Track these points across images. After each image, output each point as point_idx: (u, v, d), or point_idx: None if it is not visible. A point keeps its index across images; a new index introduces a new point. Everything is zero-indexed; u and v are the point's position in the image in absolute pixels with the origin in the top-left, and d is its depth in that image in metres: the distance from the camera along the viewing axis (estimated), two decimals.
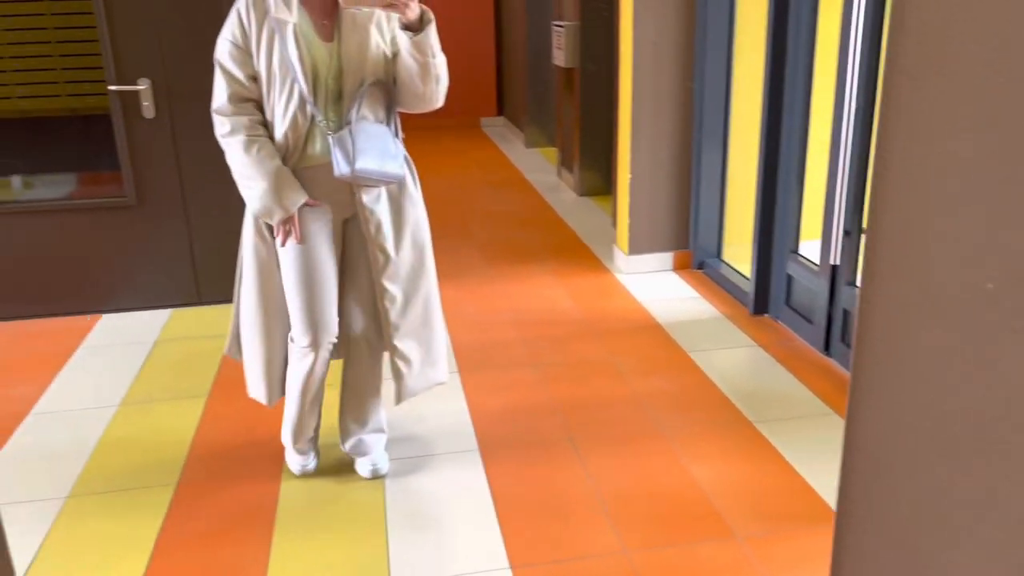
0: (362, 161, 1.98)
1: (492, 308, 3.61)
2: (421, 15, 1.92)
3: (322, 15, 2.00)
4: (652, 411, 2.72)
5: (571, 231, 4.73)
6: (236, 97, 2.02)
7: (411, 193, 2.17)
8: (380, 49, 2.04)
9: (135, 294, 3.67)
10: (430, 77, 2.00)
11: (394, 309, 2.18)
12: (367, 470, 2.40)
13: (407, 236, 2.17)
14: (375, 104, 2.06)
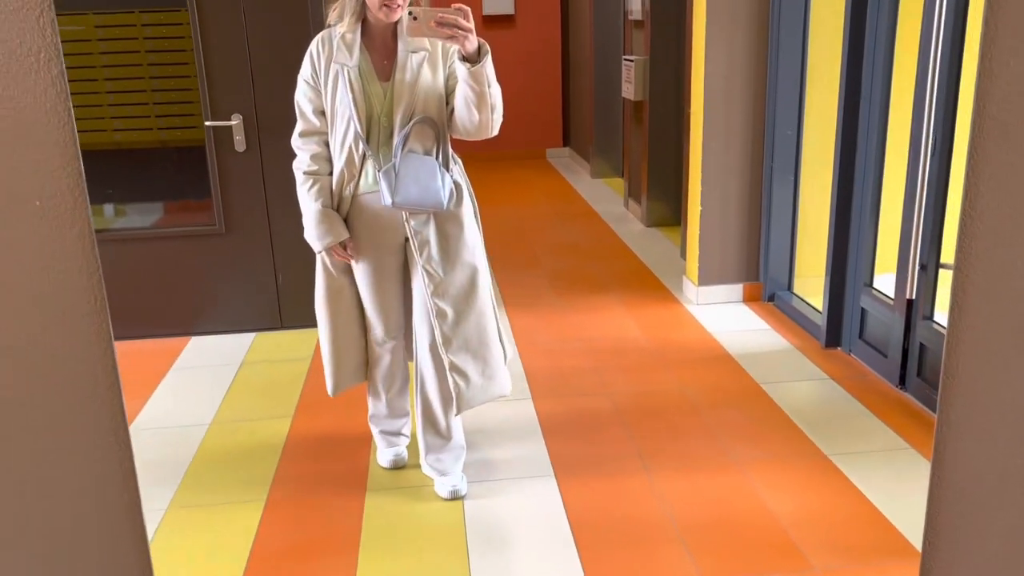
0: (402, 194, 2.18)
1: (564, 336, 3.68)
2: (479, 47, 2.06)
3: (382, 56, 2.22)
4: (725, 440, 2.74)
5: (639, 261, 4.78)
6: (306, 132, 2.27)
7: (459, 217, 2.31)
8: (432, 87, 2.21)
9: (221, 318, 3.84)
10: (486, 106, 2.14)
11: (446, 324, 2.32)
12: (446, 491, 2.49)
13: (456, 255, 2.31)
14: (423, 138, 2.23)
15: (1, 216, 0.98)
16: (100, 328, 1.05)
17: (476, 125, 2.18)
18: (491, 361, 2.39)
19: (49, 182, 0.99)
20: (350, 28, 2.18)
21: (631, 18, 5.70)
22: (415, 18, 2.02)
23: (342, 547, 2.27)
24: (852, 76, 3.17)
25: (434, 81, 2.22)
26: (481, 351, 2.37)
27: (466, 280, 2.32)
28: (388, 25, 2.21)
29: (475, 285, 2.34)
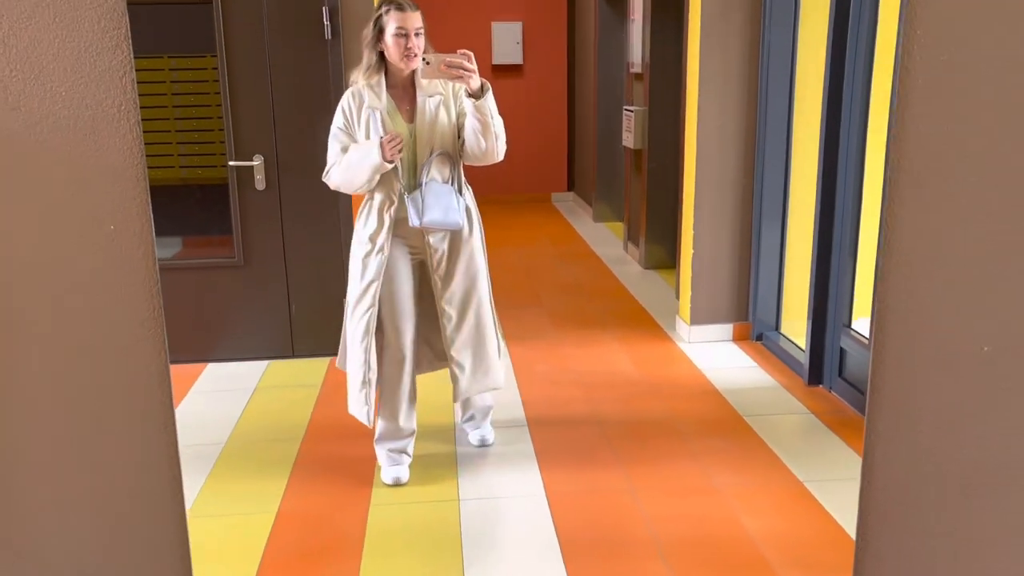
0: (429, 216, 2.60)
1: (559, 368, 3.87)
2: (482, 84, 2.49)
3: (403, 102, 2.65)
4: (708, 467, 2.92)
5: (636, 302, 4.99)
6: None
7: (466, 236, 2.73)
8: (447, 125, 2.64)
9: (237, 346, 4.05)
10: (490, 134, 2.55)
11: (450, 326, 2.75)
12: (476, 439, 3.09)
13: (460, 268, 2.73)
14: (442, 167, 2.66)
15: (83, 237, 1.20)
16: (156, 331, 1.26)
17: (483, 151, 2.59)
18: (487, 358, 2.81)
19: (122, 210, 1.21)
20: (376, 79, 2.61)
21: (632, 70, 5.99)
22: (428, 63, 2.45)
23: (348, 552, 2.45)
24: (831, 128, 3.40)
25: (448, 120, 2.64)
26: (478, 349, 2.79)
27: (466, 287, 2.75)
28: (408, 76, 2.62)
29: (476, 291, 2.76)
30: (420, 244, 2.72)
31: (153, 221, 1.24)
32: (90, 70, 1.16)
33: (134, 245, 1.23)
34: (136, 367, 1.28)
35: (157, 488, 1.33)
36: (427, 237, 2.69)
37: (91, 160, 1.19)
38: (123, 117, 1.19)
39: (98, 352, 1.25)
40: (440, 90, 2.63)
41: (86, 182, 1.19)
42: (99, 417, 1.28)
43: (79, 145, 1.18)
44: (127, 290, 1.24)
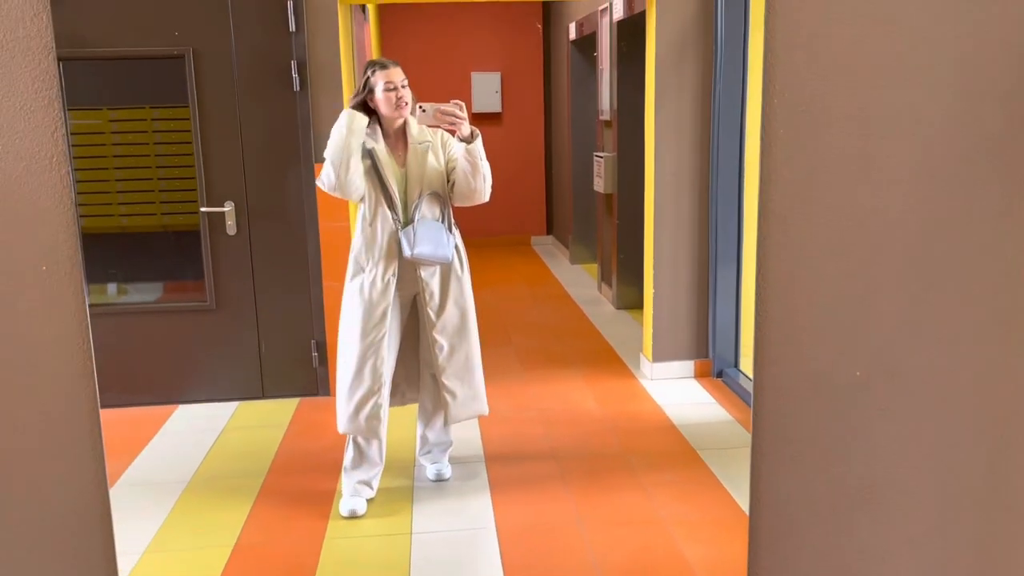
0: (419, 248, 2.82)
1: (522, 406, 3.97)
2: (472, 131, 2.77)
3: (396, 148, 2.90)
4: (656, 499, 3.01)
5: (605, 341, 5.10)
6: None
7: (456, 271, 2.96)
8: (436, 169, 2.89)
9: (208, 387, 4.15)
10: (479, 175, 2.82)
11: (442, 355, 2.96)
12: (432, 473, 3.21)
13: (451, 301, 2.95)
14: (432, 206, 2.89)
15: (15, 276, 1.32)
16: (87, 365, 1.38)
17: (472, 191, 2.85)
18: (475, 385, 3.04)
19: (53, 252, 1.33)
20: (372, 128, 2.85)
21: (602, 118, 6.18)
22: (424, 110, 2.74)
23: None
24: None
25: (437, 164, 2.89)
26: (467, 377, 3.02)
27: (458, 319, 2.97)
28: (400, 126, 2.88)
29: (466, 324, 2.99)
30: (412, 278, 2.92)
31: (135, 266, 1.36)
32: (24, 126, 1.30)
33: (65, 284, 1.35)
34: (67, 400, 1.39)
35: (87, 527, 1.43)
36: (419, 271, 2.90)
37: (24, 206, 1.31)
38: (54, 168, 1.31)
39: (29, 386, 1.36)
40: (429, 138, 2.90)
41: (20, 226, 1.32)
42: (27, 449, 1.38)
43: (13, 193, 1.31)
44: (59, 327, 1.35)
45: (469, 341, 3.01)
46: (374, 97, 2.82)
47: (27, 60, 1.27)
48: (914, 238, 1.45)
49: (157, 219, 4.26)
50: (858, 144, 1.42)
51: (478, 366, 3.06)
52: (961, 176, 1.42)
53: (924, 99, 1.41)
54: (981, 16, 1.38)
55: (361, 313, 2.86)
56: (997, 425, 1.51)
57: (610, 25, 5.68)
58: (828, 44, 1.39)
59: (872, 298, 1.47)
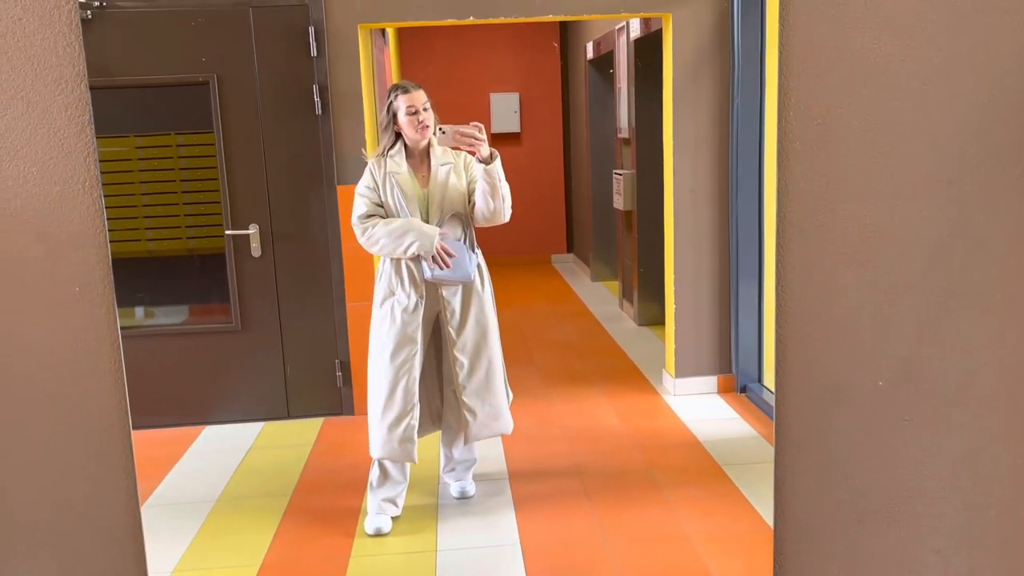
0: (439, 269, 2.87)
1: (545, 423, 3.98)
2: (491, 153, 2.80)
3: (420, 169, 2.95)
4: (680, 515, 3.00)
5: (627, 358, 5.10)
6: (370, 212, 2.91)
7: (478, 290, 2.99)
8: (457, 189, 2.93)
9: (233, 408, 4.19)
10: (498, 195, 2.86)
11: (462, 373, 2.97)
12: (456, 491, 3.22)
13: (472, 320, 2.98)
14: (454, 227, 2.93)
15: (51, 297, 1.36)
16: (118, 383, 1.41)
17: (492, 211, 2.88)
18: (496, 404, 3.04)
19: (85, 273, 1.37)
20: (396, 150, 2.93)
21: (620, 135, 6.21)
22: (444, 132, 2.78)
23: None
24: None
25: (458, 186, 2.94)
26: (488, 396, 3.02)
27: (478, 337, 2.99)
28: (423, 147, 2.93)
29: (486, 341, 3.01)
30: (434, 297, 2.95)
31: (163, 290, 1.40)
32: (58, 152, 1.34)
33: (97, 304, 1.38)
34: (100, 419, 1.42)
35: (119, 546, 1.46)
36: (441, 291, 2.94)
37: (58, 229, 1.36)
38: (87, 192, 1.36)
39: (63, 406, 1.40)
40: (451, 159, 2.95)
41: (54, 249, 1.36)
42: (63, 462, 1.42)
43: (48, 216, 1.35)
44: (91, 346, 1.39)
45: (490, 359, 3.03)
46: (397, 120, 2.89)
47: (61, 88, 1.32)
48: (934, 246, 1.45)
49: (183, 243, 4.33)
50: (875, 155, 1.43)
51: (500, 385, 3.07)
52: (980, 184, 1.43)
53: (941, 109, 1.42)
54: (997, 25, 1.39)
55: (394, 336, 2.91)
56: (1023, 433, 1.50)
57: (627, 44, 5.72)
58: (843, 56, 1.41)
59: (893, 307, 1.48)
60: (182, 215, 4.30)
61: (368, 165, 2.97)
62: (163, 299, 4.39)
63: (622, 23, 5.83)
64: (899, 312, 1.48)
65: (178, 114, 4.26)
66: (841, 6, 1.39)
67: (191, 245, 4.33)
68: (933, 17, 1.40)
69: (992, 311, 1.46)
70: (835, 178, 1.45)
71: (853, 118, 1.43)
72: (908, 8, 1.39)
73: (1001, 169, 1.42)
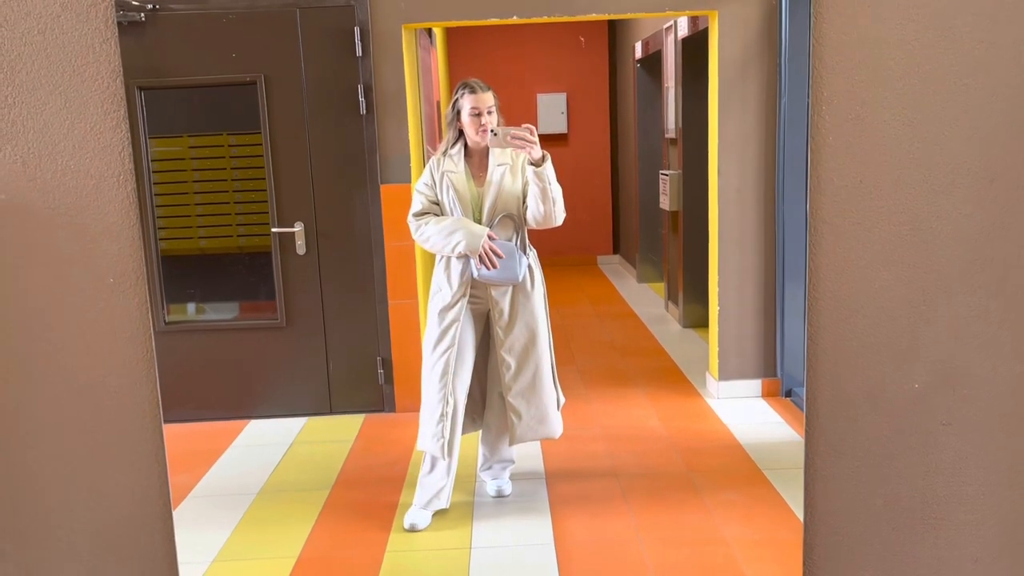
0: (486, 269, 2.91)
1: (584, 424, 3.95)
2: (543, 155, 2.82)
3: (478, 169, 2.99)
4: (719, 519, 2.96)
5: (670, 360, 5.04)
6: (425, 210, 2.99)
7: (528, 291, 3.03)
8: (512, 190, 2.95)
9: (277, 403, 4.25)
10: (548, 199, 2.88)
11: (508, 374, 2.99)
12: (493, 490, 3.20)
13: (520, 320, 3.01)
14: (506, 227, 2.95)
15: (86, 288, 1.40)
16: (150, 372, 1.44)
17: (543, 215, 2.91)
18: (543, 407, 3.04)
19: (119, 266, 1.41)
20: (456, 149, 2.98)
21: (667, 136, 6.15)
22: (496, 135, 2.81)
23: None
24: None
25: (513, 186, 2.94)
26: (534, 399, 3.02)
27: (526, 339, 3.02)
28: (483, 148, 2.97)
29: (535, 343, 3.03)
30: (484, 296, 3.00)
31: (214, 286, 1.43)
32: (94, 146, 1.37)
33: (130, 296, 1.42)
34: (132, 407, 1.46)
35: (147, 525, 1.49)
36: (491, 291, 2.98)
37: (93, 222, 1.39)
38: (121, 186, 1.39)
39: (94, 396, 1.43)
40: (508, 160, 2.96)
41: (89, 240, 1.40)
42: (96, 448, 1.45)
43: (84, 209, 1.39)
44: (124, 336, 1.42)
45: (538, 361, 3.04)
46: (460, 118, 2.95)
47: (97, 84, 1.35)
48: (973, 243, 1.41)
49: (233, 241, 4.41)
50: (911, 149, 1.39)
51: (548, 389, 3.07)
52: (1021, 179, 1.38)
53: (983, 104, 1.37)
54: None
55: (436, 333, 2.98)
56: None
57: (675, 43, 5.67)
58: (878, 48, 1.37)
59: (930, 306, 1.43)
60: (233, 213, 4.38)
61: (428, 163, 3.03)
62: (214, 295, 4.48)
63: (670, 22, 5.78)
64: (937, 313, 1.44)
65: (229, 115, 4.34)
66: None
67: (241, 243, 4.41)
68: (975, 9, 1.36)
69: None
70: (870, 174, 1.41)
71: (889, 112, 1.39)
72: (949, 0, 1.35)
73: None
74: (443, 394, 2.95)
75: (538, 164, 2.82)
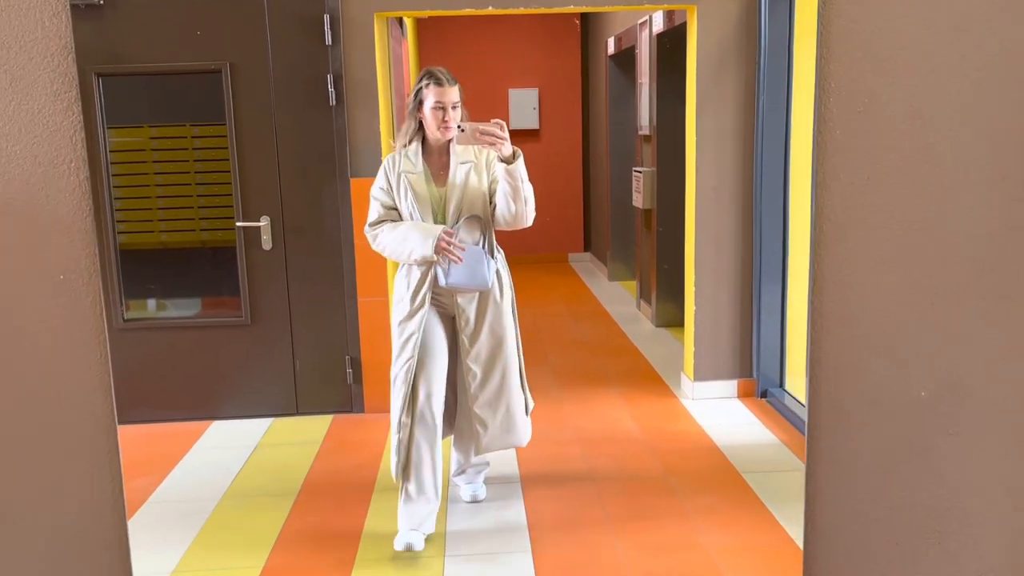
0: (454, 276, 2.72)
1: (559, 426, 3.87)
2: (513, 151, 2.62)
3: (439, 167, 2.78)
4: (698, 523, 2.89)
5: (644, 359, 4.98)
6: (382, 218, 2.78)
7: (495, 297, 2.83)
8: (477, 190, 2.75)
9: (242, 403, 4.11)
10: (520, 198, 2.67)
11: (474, 384, 2.83)
12: (468, 495, 3.11)
13: (486, 329, 2.83)
14: (472, 230, 2.75)
15: (33, 285, 1.27)
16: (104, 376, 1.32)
17: (513, 215, 2.70)
18: (510, 415, 2.88)
19: (71, 261, 1.28)
20: (414, 146, 2.77)
21: (641, 132, 6.10)
22: (463, 130, 2.59)
23: None
24: None
25: (479, 185, 2.75)
26: (500, 407, 2.86)
27: (492, 346, 2.83)
28: (444, 143, 2.76)
29: (501, 350, 2.84)
30: (450, 303, 2.83)
31: (175, 282, 1.31)
32: (43, 130, 1.25)
33: (82, 294, 1.30)
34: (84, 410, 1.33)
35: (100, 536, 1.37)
36: (456, 297, 2.80)
37: (42, 213, 1.27)
38: (73, 173, 1.27)
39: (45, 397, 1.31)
40: (472, 157, 2.76)
41: (37, 234, 1.27)
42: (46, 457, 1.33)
43: (32, 200, 1.27)
44: (75, 336, 1.30)
45: (504, 371, 2.86)
46: (422, 110, 2.74)
47: (46, 62, 1.23)
48: (983, 245, 1.34)
49: (196, 235, 4.26)
50: (921, 146, 1.32)
51: (515, 397, 2.89)
52: None
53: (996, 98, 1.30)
54: None
55: (399, 344, 2.79)
56: None
57: (650, 38, 5.60)
58: (888, 39, 1.30)
59: (937, 310, 1.37)
60: (196, 207, 4.22)
61: (383, 164, 2.81)
62: (175, 291, 4.32)
63: (645, 17, 5.71)
64: (944, 317, 1.37)
65: (193, 104, 4.19)
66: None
67: (204, 237, 4.26)
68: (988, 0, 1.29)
69: None
70: (877, 171, 1.34)
71: (899, 106, 1.32)
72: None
73: None
74: (400, 417, 2.75)
75: (509, 161, 2.61)
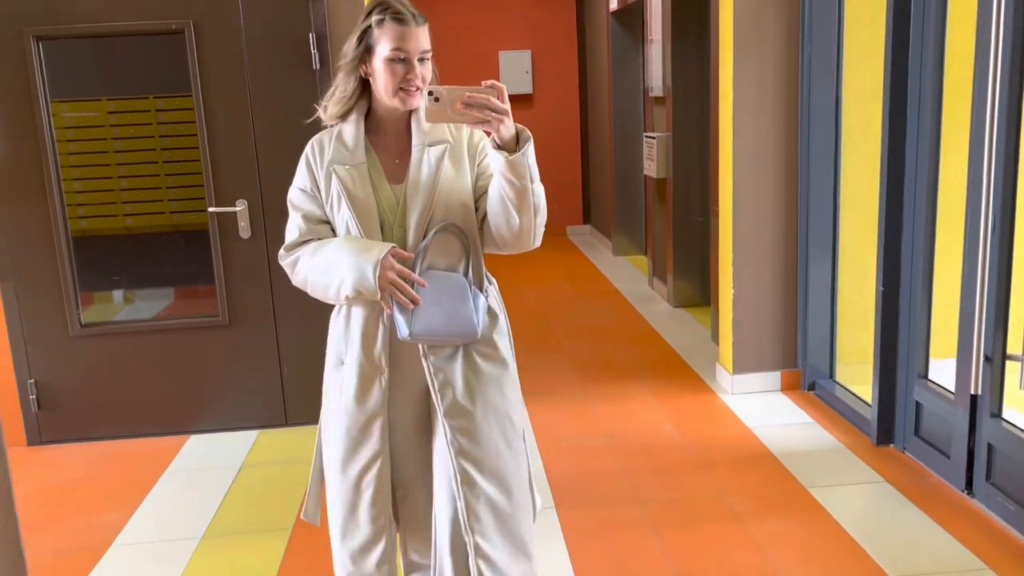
0: (423, 322, 1.66)
1: (589, 432, 3.40)
2: (517, 134, 1.60)
3: (393, 155, 1.75)
4: (775, 559, 2.43)
5: (668, 345, 4.52)
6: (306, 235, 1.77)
7: (493, 351, 1.77)
8: (456, 187, 1.73)
9: (223, 414, 3.60)
10: (527, 205, 1.63)
11: (472, 494, 1.73)
12: None
13: (486, 404, 1.75)
14: (447, 250, 1.73)
15: None
16: None
17: (515, 232, 1.68)
18: (520, 541, 1.79)
19: None
20: (352, 121, 1.74)
21: (652, 95, 5.57)
22: (436, 99, 1.55)
23: None
24: (895, 150, 2.95)
25: (458, 179, 1.73)
26: (512, 528, 1.77)
27: (499, 436, 1.75)
28: (401, 116, 1.74)
29: (509, 443, 1.77)
30: (416, 366, 1.75)
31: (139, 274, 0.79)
32: None
33: None
34: None
35: None
36: (429, 357, 1.73)
37: None
38: None
39: None
40: (448, 137, 1.74)
41: None
42: None
43: None
44: None
45: (514, 469, 1.78)
46: (370, 62, 1.69)
47: None
48: None
49: (167, 218, 3.72)
50: None
51: (526, 504, 1.83)
52: None
53: None
54: None
55: (344, 429, 1.76)
56: None
57: None
58: None
59: None
60: (164, 188, 3.68)
61: (305, 152, 1.80)
62: (144, 282, 3.78)
63: None
64: None
65: (155, 73, 3.62)
66: None
67: (176, 221, 3.72)
68: None
69: None
70: None
71: None
72: None
73: None
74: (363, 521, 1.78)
75: (510, 148, 1.61)
